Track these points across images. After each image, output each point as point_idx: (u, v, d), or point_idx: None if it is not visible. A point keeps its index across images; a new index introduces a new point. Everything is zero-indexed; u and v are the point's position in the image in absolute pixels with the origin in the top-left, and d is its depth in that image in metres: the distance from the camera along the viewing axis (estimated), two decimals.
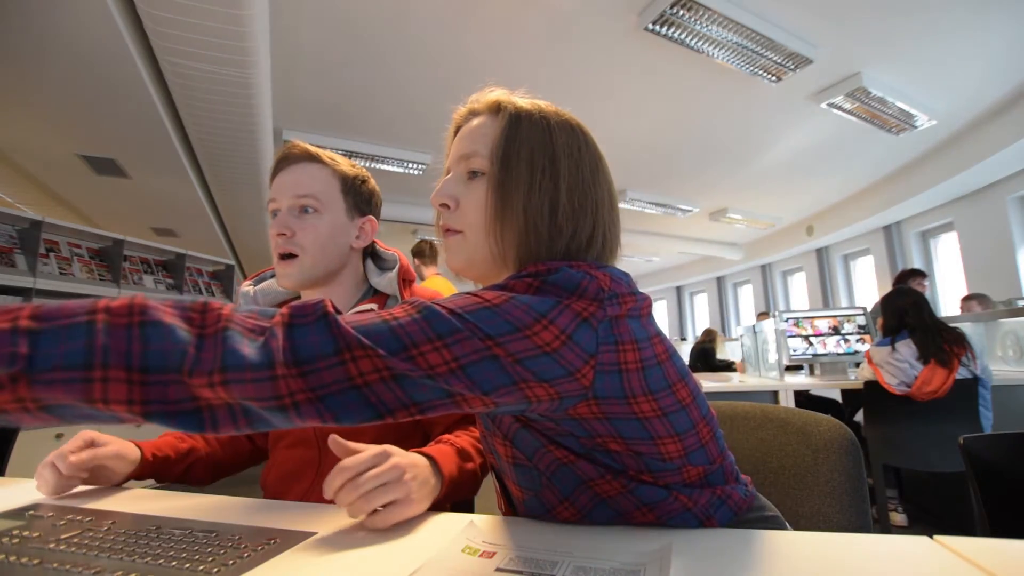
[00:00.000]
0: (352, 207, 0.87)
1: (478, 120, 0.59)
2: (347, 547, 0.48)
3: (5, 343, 0.31)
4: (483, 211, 0.55)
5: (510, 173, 0.54)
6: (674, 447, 0.49)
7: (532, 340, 0.42)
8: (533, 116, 0.56)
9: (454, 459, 0.66)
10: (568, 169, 0.54)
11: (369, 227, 0.89)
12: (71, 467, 0.64)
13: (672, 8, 2.62)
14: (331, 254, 0.83)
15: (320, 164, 0.85)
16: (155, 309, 0.36)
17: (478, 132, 0.58)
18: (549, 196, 0.53)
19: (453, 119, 0.63)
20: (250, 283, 0.93)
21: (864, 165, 5.35)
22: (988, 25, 3.06)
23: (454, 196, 0.57)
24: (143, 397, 0.34)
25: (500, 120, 0.57)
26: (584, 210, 0.54)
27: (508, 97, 0.59)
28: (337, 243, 0.84)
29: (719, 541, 0.46)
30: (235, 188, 4.22)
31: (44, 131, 3.16)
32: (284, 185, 0.83)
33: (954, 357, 1.93)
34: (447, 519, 0.56)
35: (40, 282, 2.60)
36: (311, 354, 0.38)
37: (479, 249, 0.56)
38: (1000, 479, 0.75)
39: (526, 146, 0.54)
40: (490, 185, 0.55)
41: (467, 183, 0.58)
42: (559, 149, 0.55)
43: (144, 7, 2.08)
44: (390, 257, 0.91)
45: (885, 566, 0.40)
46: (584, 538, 0.48)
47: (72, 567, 0.43)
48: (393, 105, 3.81)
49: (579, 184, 0.55)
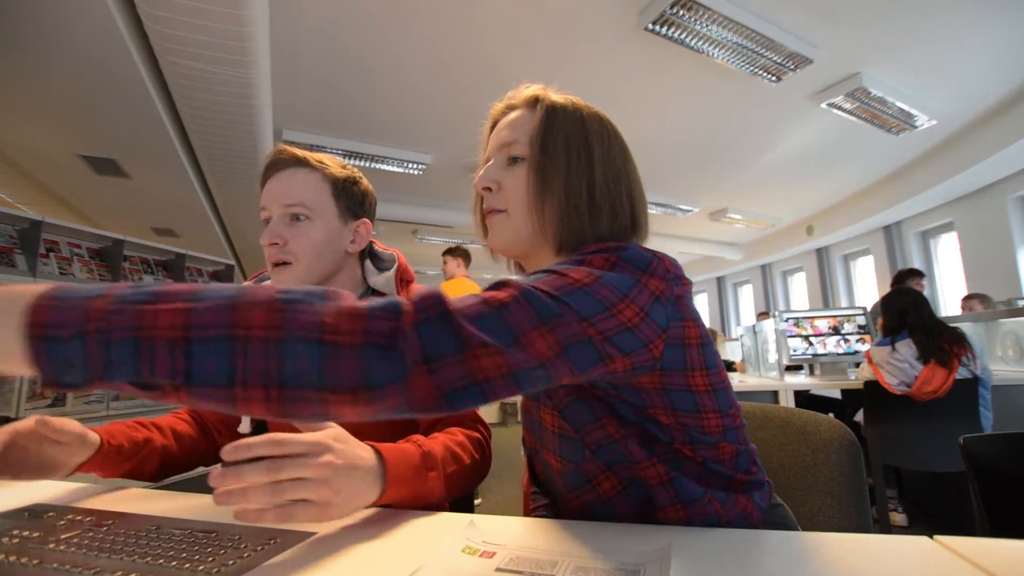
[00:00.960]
0: (345, 211, 0.85)
1: (516, 113, 0.65)
2: (347, 547, 0.48)
3: (165, 358, 0.34)
4: (525, 192, 0.60)
5: (549, 156, 0.59)
6: (716, 422, 0.53)
7: (617, 318, 0.46)
8: (567, 108, 0.62)
9: (413, 463, 0.60)
10: (600, 154, 0.60)
11: (364, 230, 0.88)
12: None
13: (672, 8, 2.62)
14: (326, 260, 0.82)
15: (309, 169, 0.82)
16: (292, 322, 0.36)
17: (517, 123, 0.63)
18: (586, 177, 0.59)
19: (490, 114, 0.69)
20: (250, 284, 0.91)
21: (864, 165, 5.35)
22: (988, 25, 3.06)
23: (496, 180, 0.63)
24: (280, 411, 0.37)
25: (538, 111, 0.62)
26: (619, 191, 0.60)
27: (544, 91, 0.65)
28: (331, 249, 0.82)
29: (719, 541, 0.46)
30: (235, 188, 4.22)
31: (44, 131, 3.16)
32: (273, 193, 0.81)
33: (954, 357, 1.93)
34: (447, 519, 0.56)
35: (40, 282, 2.60)
36: (437, 352, 0.38)
37: (523, 227, 0.61)
38: (1000, 479, 0.75)
39: (562, 133, 0.60)
40: (531, 168, 0.60)
41: (507, 168, 0.63)
42: (592, 136, 0.61)
43: (144, 7, 2.08)
44: (388, 257, 0.91)
45: (885, 566, 0.40)
46: (584, 538, 0.48)
47: (72, 567, 0.43)
48: (393, 105, 3.81)
49: (612, 167, 0.61)
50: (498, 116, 0.68)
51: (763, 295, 9.03)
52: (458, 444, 0.69)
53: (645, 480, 0.53)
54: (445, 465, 0.65)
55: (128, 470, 0.74)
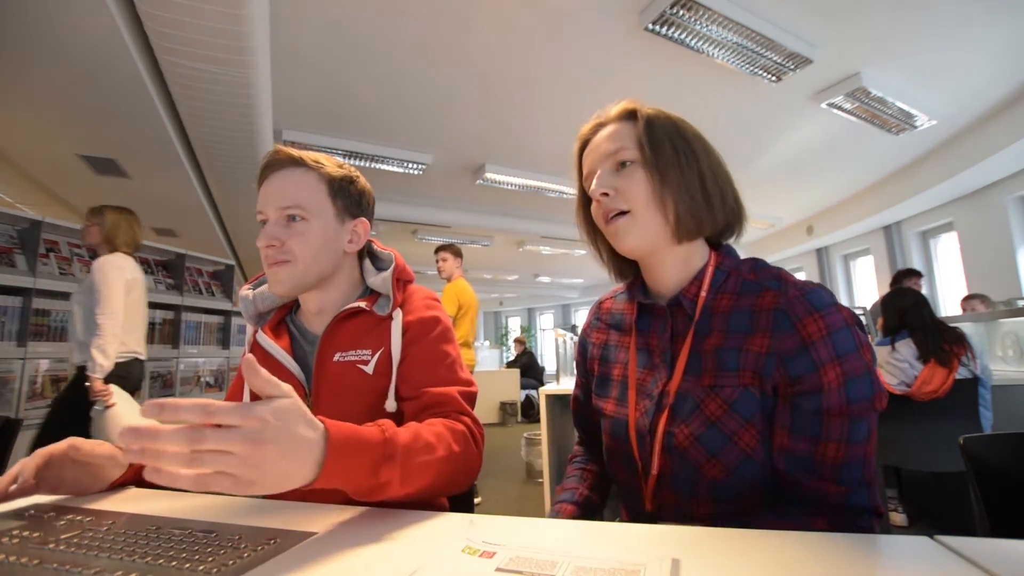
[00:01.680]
0: (342, 210, 0.84)
1: (611, 127, 0.69)
2: (347, 547, 0.48)
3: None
4: (645, 189, 0.65)
5: (661, 154, 0.65)
6: None
7: None
8: (660, 115, 0.68)
9: (366, 447, 0.54)
10: (700, 149, 0.67)
11: (361, 229, 0.87)
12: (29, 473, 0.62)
13: (672, 8, 2.62)
14: (323, 260, 0.82)
15: (305, 168, 0.81)
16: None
17: (617, 135, 0.68)
18: (696, 170, 0.65)
19: (579, 135, 0.74)
20: (249, 287, 0.92)
21: (864, 165, 5.35)
22: (988, 25, 3.06)
23: (612, 185, 0.66)
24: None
25: (639, 120, 0.67)
26: (723, 179, 0.68)
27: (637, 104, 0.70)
28: (329, 249, 0.82)
29: (720, 541, 0.46)
30: (235, 188, 4.22)
31: (44, 131, 3.16)
32: (269, 195, 0.80)
33: (954, 357, 1.93)
34: (447, 519, 0.56)
35: (40, 282, 2.60)
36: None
37: (649, 224, 0.65)
38: (1000, 479, 0.75)
39: (666, 134, 0.66)
40: (647, 167, 0.65)
41: (619, 173, 0.67)
42: (689, 136, 0.67)
43: (144, 7, 2.08)
44: (387, 256, 0.91)
45: (885, 566, 0.40)
46: (584, 538, 0.48)
47: (72, 567, 0.43)
48: (393, 105, 3.80)
49: (712, 159, 0.68)
50: (588, 135, 0.72)
51: None
52: (434, 434, 0.65)
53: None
54: (411, 455, 0.59)
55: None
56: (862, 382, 0.57)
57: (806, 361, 0.57)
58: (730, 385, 0.60)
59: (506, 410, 6.38)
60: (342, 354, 0.81)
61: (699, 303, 0.66)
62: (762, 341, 0.60)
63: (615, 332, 0.78)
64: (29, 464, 0.64)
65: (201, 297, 3.76)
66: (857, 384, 0.56)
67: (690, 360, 0.64)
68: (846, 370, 0.56)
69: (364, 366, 0.80)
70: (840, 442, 0.56)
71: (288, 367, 0.82)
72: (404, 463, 0.58)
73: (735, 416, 0.60)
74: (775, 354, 0.59)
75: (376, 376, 0.79)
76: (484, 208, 6.22)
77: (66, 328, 2.77)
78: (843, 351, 0.57)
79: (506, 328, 15.90)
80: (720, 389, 0.61)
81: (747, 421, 0.59)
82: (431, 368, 0.80)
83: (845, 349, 0.57)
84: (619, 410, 0.71)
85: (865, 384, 0.57)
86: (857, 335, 0.58)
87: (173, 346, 3.46)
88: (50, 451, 0.65)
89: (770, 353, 0.59)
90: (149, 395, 3.21)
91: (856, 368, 0.57)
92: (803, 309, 0.59)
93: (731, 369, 0.61)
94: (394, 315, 0.83)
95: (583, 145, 0.73)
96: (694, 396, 0.62)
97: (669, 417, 0.63)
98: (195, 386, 3.62)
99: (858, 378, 0.57)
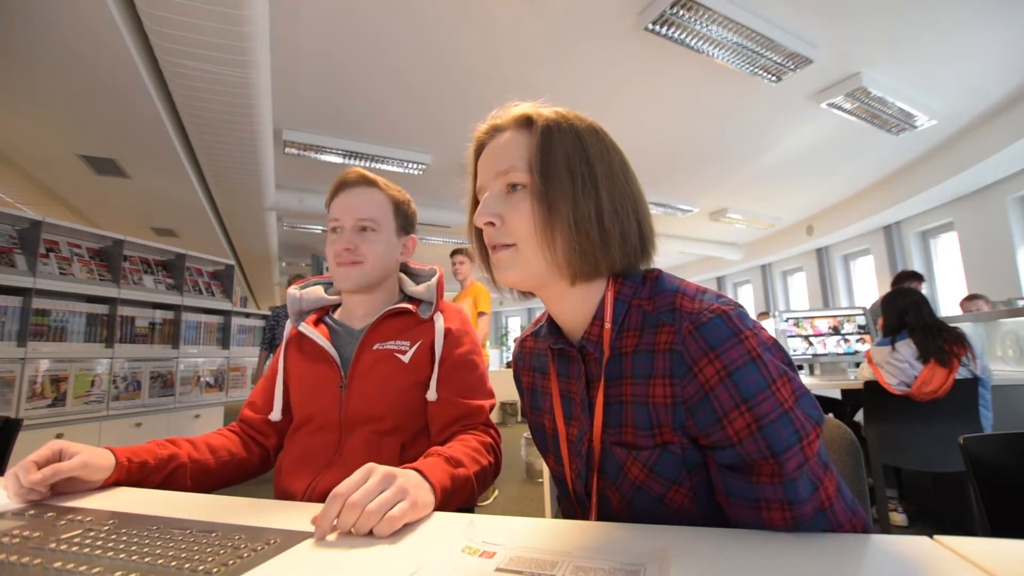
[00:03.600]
0: (400, 227, 0.99)
1: (507, 135, 0.60)
2: (347, 547, 0.48)
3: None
4: (531, 223, 0.56)
5: (552, 183, 0.55)
6: None
7: None
8: (562, 125, 0.58)
9: (443, 467, 0.67)
10: (603, 173, 0.57)
11: (411, 244, 1.02)
12: (30, 484, 0.62)
13: (672, 8, 2.62)
14: (386, 266, 0.96)
15: (377, 189, 0.97)
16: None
17: (511, 147, 0.59)
18: (593, 201, 0.55)
19: (474, 137, 0.64)
20: (296, 288, 1.02)
21: (864, 165, 5.35)
22: (988, 25, 3.06)
23: (498, 213, 0.58)
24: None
25: (533, 133, 0.58)
26: (625, 210, 0.58)
27: (535, 109, 0.60)
28: (390, 256, 0.97)
29: (719, 541, 0.46)
30: (235, 188, 4.22)
31: (44, 131, 3.16)
32: (347, 207, 0.93)
33: (954, 357, 1.93)
34: (447, 519, 0.56)
35: (40, 282, 2.60)
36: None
37: (533, 260, 0.57)
38: (1000, 479, 0.74)
39: (562, 155, 0.56)
40: (534, 197, 0.56)
41: (508, 198, 0.59)
42: (592, 155, 0.57)
43: (144, 7, 2.08)
44: (428, 271, 1.04)
45: (885, 566, 0.40)
46: (584, 538, 0.48)
47: (72, 567, 0.43)
48: (393, 105, 3.81)
49: (616, 185, 0.58)
50: (484, 138, 0.63)
51: (763, 295, 9.03)
52: (473, 449, 0.78)
53: None
54: (467, 465, 0.72)
55: (159, 482, 0.78)
56: (780, 426, 0.47)
57: (708, 411, 0.49)
58: (647, 447, 0.53)
59: (506, 410, 6.38)
60: (381, 344, 0.91)
61: (604, 342, 0.57)
62: (663, 389, 0.52)
63: (539, 376, 0.71)
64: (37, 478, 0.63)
65: (201, 297, 3.75)
66: (775, 430, 0.47)
67: (607, 410, 0.57)
68: (757, 415, 0.47)
69: (402, 355, 0.90)
70: (784, 505, 0.47)
71: (327, 349, 0.91)
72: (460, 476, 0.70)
73: (659, 479, 0.53)
74: (681, 403, 0.51)
75: (412, 366, 0.89)
76: None
77: (66, 328, 2.77)
78: (748, 393, 0.47)
79: (506, 328, 15.90)
80: (638, 452, 0.54)
81: (673, 482, 0.53)
82: (464, 380, 0.91)
83: (751, 391, 0.47)
84: (557, 468, 0.66)
85: (786, 427, 0.47)
86: (765, 368, 0.48)
87: (173, 346, 3.46)
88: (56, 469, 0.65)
89: (676, 403, 0.52)
90: (149, 395, 3.21)
91: (768, 410, 0.47)
92: (697, 348, 0.50)
93: (644, 428, 0.54)
94: (435, 318, 0.95)
95: (479, 148, 0.64)
96: (616, 457, 0.56)
97: (599, 477, 0.58)
98: (195, 386, 3.62)
99: (774, 423, 0.47)
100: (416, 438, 0.89)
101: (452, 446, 0.76)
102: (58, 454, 0.67)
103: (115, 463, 0.71)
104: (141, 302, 3.24)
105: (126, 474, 0.73)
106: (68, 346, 2.75)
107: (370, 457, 0.79)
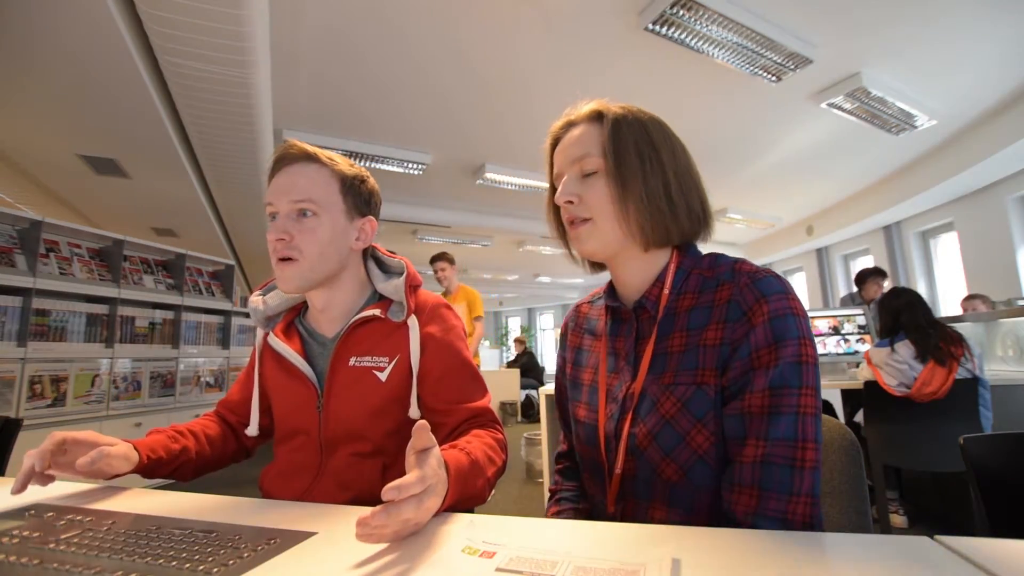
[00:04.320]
0: (351, 208, 0.85)
1: (579, 129, 0.69)
2: (347, 547, 0.48)
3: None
4: (608, 199, 0.65)
5: (624, 164, 0.64)
6: None
7: None
8: (629, 118, 0.67)
9: (466, 476, 0.63)
10: (668, 156, 0.66)
11: (369, 228, 0.88)
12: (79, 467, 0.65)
13: (672, 8, 2.62)
14: (330, 257, 0.82)
15: (318, 164, 0.82)
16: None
17: (585, 138, 0.67)
18: (661, 179, 0.64)
19: (550, 132, 0.73)
20: (259, 293, 0.93)
21: (864, 165, 5.35)
22: (988, 25, 3.06)
23: (576, 193, 0.67)
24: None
25: (605, 125, 0.66)
26: (688, 187, 0.66)
27: (605, 105, 0.69)
28: (336, 246, 0.82)
29: (720, 541, 0.46)
30: (235, 188, 4.21)
31: (44, 131, 3.16)
32: (281, 188, 0.80)
33: (951, 357, 1.93)
34: (447, 519, 0.56)
35: (40, 282, 2.60)
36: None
37: (610, 232, 0.66)
38: (1000, 479, 0.74)
39: (631, 141, 0.65)
40: (609, 176, 0.65)
41: (584, 181, 0.67)
42: (657, 141, 0.66)
43: (144, 7, 2.08)
44: (397, 265, 0.92)
45: (885, 566, 0.40)
46: (584, 538, 0.48)
47: (72, 567, 0.43)
48: (393, 105, 3.80)
49: (680, 166, 0.66)
50: (559, 134, 0.72)
51: None
52: (490, 447, 0.74)
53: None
54: (486, 469, 0.70)
55: (167, 474, 0.82)
56: (791, 369, 0.54)
57: (746, 347, 0.57)
58: (685, 383, 0.60)
59: (506, 410, 6.38)
60: (358, 359, 0.83)
61: (661, 304, 0.66)
62: (716, 333, 0.60)
63: (589, 336, 0.78)
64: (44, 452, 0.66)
65: (201, 297, 3.76)
66: (785, 371, 0.54)
67: (653, 361, 0.64)
68: (780, 355, 0.55)
69: (379, 372, 0.82)
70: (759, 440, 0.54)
71: (301, 368, 0.83)
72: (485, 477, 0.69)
73: (687, 415, 0.59)
74: (728, 344, 0.58)
75: (390, 384, 0.82)
76: (484, 208, 6.22)
77: (66, 328, 2.77)
78: (781, 336, 0.55)
79: (506, 328, 15.91)
80: (675, 387, 0.60)
81: (698, 421, 0.58)
82: (460, 384, 0.85)
83: (784, 335, 0.55)
84: (589, 415, 0.71)
85: (793, 372, 0.54)
86: (801, 326, 0.56)
87: (173, 346, 3.46)
88: (63, 436, 0.69)
89: (724, 343, 0.58)
90: (149, 395, 3.21)
91: (789, 355, 0.55)
92: (752, 296, 0.58)
93: (689, 368, 0.60)
94: (409, 323, 0.85)
95: (554, 142, 0.73)
96: (651, 395, 0.62)
97: (632, 418, 0.63)
98: (195, 386, 3.62)
99: (789, 364, 0.54)
100: (398, 458, 0.80)
101: (472, 443, 0.71)
102: (61, 441, 0.69)
103: (138, 459, 0.74)
104: (141, 302, 3.24)
105: (142, 468, 0.76)
106: (68, 346, 2.75)
107: (352, 477, 0.80)
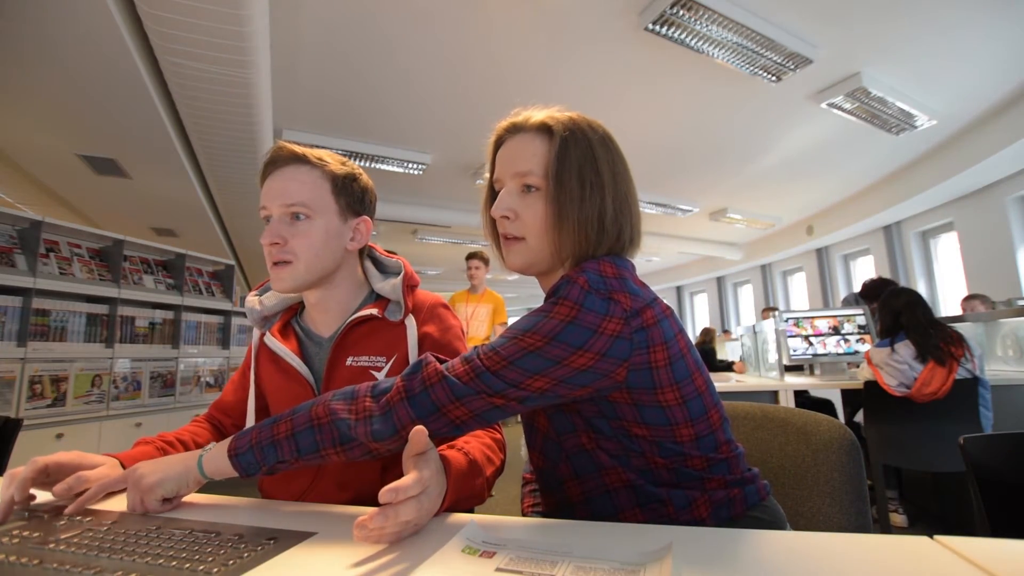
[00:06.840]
0: (345, 208, 0.84)
1: (526, 137, 0.67)
2: (347, 547, 0.48)
3: (287, 447, 0.61)
4: (541, 221, 0.65)
5: (564, 189, 0.63)
6: (688, 432, 0.58)
7: (571, 367, 0.55)
8: (577, 136, 0.65)
9: (464, 476, 0.63)
10: (610, 181, 0.65)
11: (364, 227, 0.87)
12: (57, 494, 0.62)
13: (672, 8, 2.62)
14: (325, 259, 0.82)
15: (309, 166, 0.82)
16: (336, 410, 0.60)
17: (529, 151, 0.66)
18: (598, 207, 0.64)
19: (495, 130, 0.72)
20: (255, 294, 0.93)
21: (864, 165, 5.35)
22: (988, 25, 3.06)
23: (513, 208, 0.67)
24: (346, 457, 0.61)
25: (553, 143, 0.65)
26: (624, 214, 0.66)
27: (554, 117, 0.67)
28: (331, 247, 0.82)
29: (719, 541, 0.46)
30: (235, 188, 4.22)
31: (44, 131, 3.16)
32: (273, 192, 0.80)
33: (951, 357, 1.93)
34: (447, 519, 0.56)
35: (40, 282, 2.60)
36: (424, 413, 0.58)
37: (539, 252, 0.67)
38: (1000, 479, 0.74)
39: (575, 165, 0.64)
40: (547, 200, 0.65)
41: (523, 197, 0.67)
42: (602, 165, 0.65)
43: (144, 7, 2.08)
44: (394, 264, 0.91)
45: (885, 566, 0.40)
46: (584, 538, 0.48)
47: (72, 567, 0.43)
48: (393, 105, 3.81)
49: (618, 192, 0.66)
50: (504, 135, 0.70)
51: (763, 295, 9.03)
52: (488, 447, 0.74)
53: (608, 486, 0.60)
54: (485, 469, 0.69)
55: None
56: (486, 357, 0.57)
57: None
58: None
59: None
60: (355, 359, 0.83)
61: None
62: None
63: None
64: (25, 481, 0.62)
65: (201, 297, 3.75)
66: (499, 353, 0.57)
67: None
68: (510, 334, 0.58)
69: (377, 372, 0.82)
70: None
71: (298, 368, 0.83)
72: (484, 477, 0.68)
73: None
74: None
75: None
76: None
77: (66, 328, 2.76)
78: (518, 326, 0.58)
79: None
80: None
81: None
82: None
83: (520, 325, 0.58)
84: None
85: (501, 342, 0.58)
86: (545, 322, 0.56)
87: (173, 346, 3.45)
88: (46, 461, 0.65)
89: None
90: (149, 395, 3.21)
91: (509, 345, 0.56)
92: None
93: None
94: (407, 322, 0.85)
95: (498, 141, 0.71)
96: None
97: None
98: (195, 386, 3.62)
99: (497, 348, 0.57)
100: (396, 458, 0.79)
101: (470, 443, 0.71)
102: (43, 468, 0.64)
103: None
104: (141, 302, 3.24)
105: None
106: (68, 346, 2.74)
107: (351, 478, 0.79)
